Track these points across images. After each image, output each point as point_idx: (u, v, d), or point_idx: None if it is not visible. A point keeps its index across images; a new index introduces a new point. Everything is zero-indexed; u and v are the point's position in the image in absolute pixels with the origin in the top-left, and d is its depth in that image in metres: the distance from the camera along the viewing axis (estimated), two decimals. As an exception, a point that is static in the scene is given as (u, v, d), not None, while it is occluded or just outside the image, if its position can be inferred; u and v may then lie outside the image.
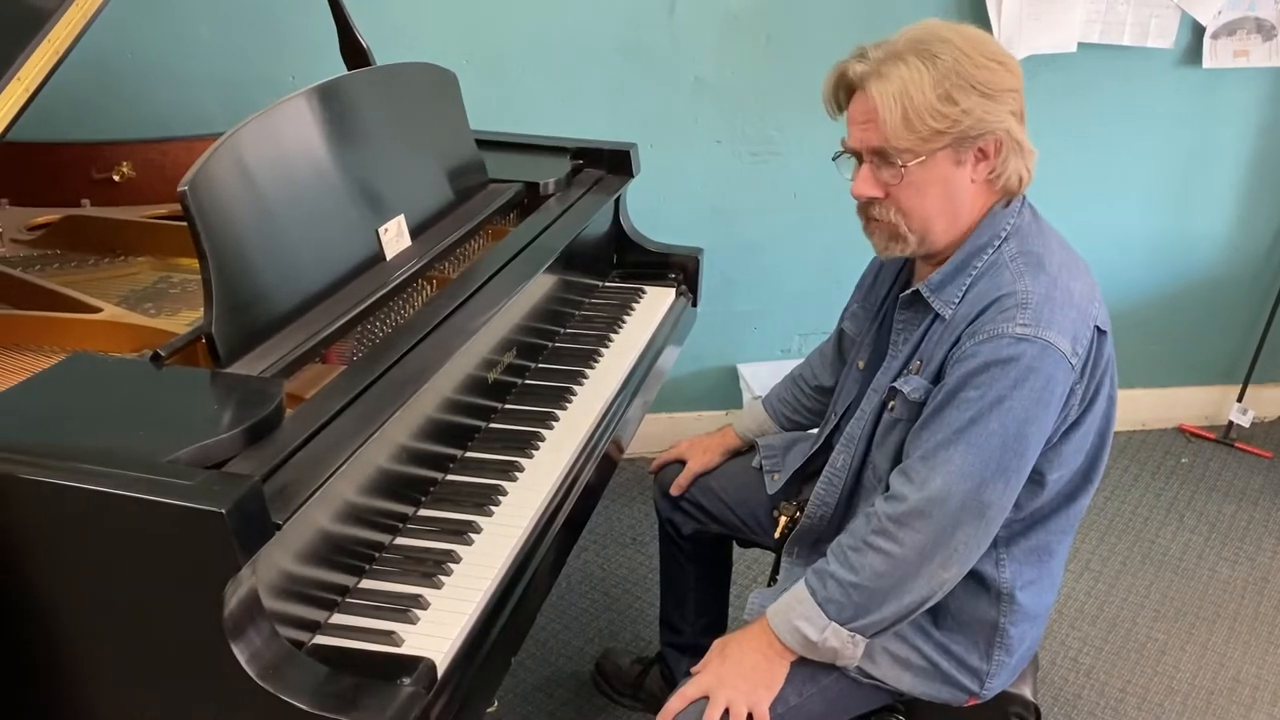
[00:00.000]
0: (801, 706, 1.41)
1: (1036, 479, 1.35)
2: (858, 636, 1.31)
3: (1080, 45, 2.62)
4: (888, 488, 1.34)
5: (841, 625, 1.30)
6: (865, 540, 1.30)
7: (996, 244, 1.33)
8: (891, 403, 1.40)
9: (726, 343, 2.87)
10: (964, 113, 1.26)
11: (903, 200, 1.32)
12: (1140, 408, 3.15)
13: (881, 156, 1.31)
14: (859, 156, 1.35)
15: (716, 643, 1.39)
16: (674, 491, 1.81)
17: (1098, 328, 1.30)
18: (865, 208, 1.37)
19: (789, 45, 2.50)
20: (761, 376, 2.73)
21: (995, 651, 1.41)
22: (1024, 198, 1.39)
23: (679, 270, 2.20)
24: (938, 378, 1.33)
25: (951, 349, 1.31)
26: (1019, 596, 1.40)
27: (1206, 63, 2.71)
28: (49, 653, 1.11)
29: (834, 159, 1.39)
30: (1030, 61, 2.61)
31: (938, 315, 1.35)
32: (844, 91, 1.35)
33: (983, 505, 1.26)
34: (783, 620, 1.34)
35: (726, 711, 1.33)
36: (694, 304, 2.22)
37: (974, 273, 1.33)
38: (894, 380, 1.40)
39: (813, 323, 2.87)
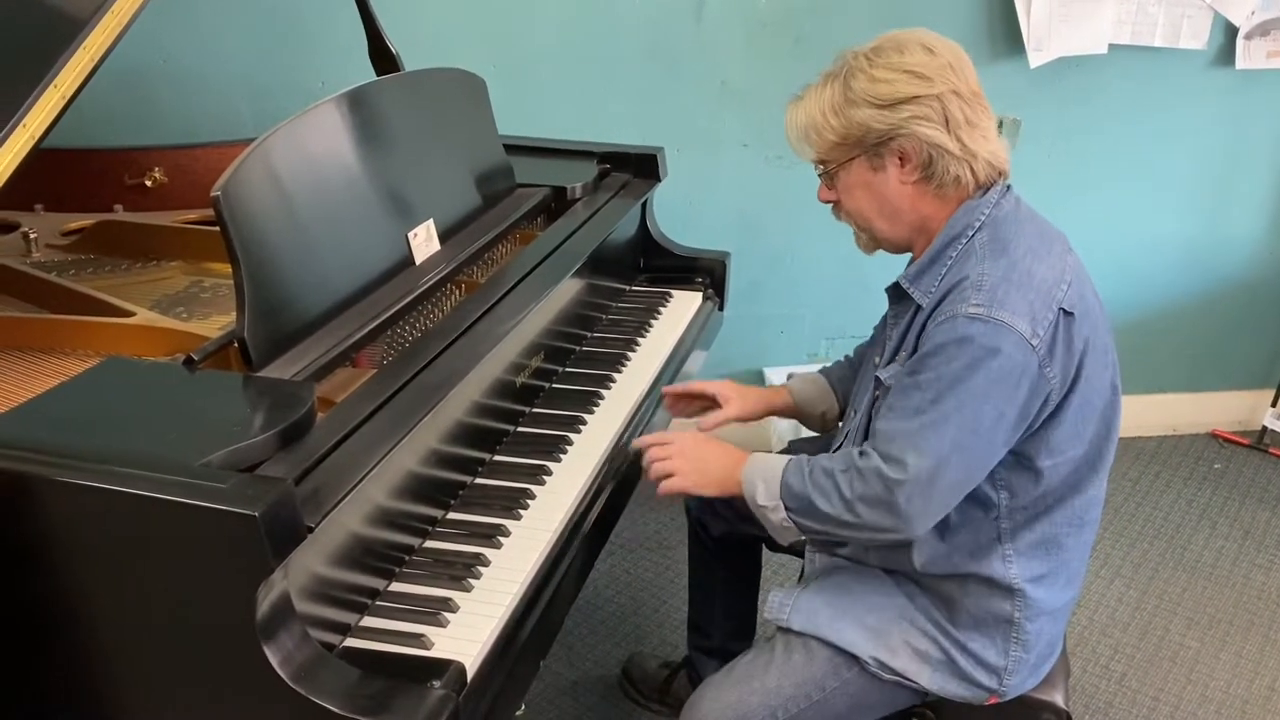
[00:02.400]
0: (824, 703, 1.41)
1: (1027, 465, 1.35)
2: (792, 525, 1.40)
3: (1111, 46, 2.59)
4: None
5: (785, 508, 1.39)
6: (834, 472, 1.35)
7: (970, 234, 1.36)
8: (878, 393, 1.42)
9: (753, 347, 2.86)
10: (856, 125, 1.36)
11: (844, 204, 1.45)
12: (1172, 412, 3.11)
13: (820, 165, 1.44)
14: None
15: (706, 435, 1.53)
16: (699, 427, 1.69)
17: (1063, 309, 1.30)
18: (834, 211, 1.50)
19: (816, 48, 2.50)
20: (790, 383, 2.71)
21: (1012, 648, 1.40)
22: (1007, 188, 1.40)
23: (706, 274, 2.20)
24: None
25: (921, 335, 1.35)
26: (1030, 591, 1.39)
27: (1239, 64, 2.68)
28: (83, 653, 1.12)
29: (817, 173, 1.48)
30: (1060, 63, 2.59)
31: (920, 306, 1.37)
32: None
33: (933, 481, 1.28)
34: (753, 471, 1.43)
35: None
36: (721, 308, 2.22)
37: (949, 262, 1.36)
38: (878, 370, 1.43)
39: (840, 327, 2.86)
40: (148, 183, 2.00)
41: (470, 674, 1.15)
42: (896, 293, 1.44)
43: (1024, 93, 2.65)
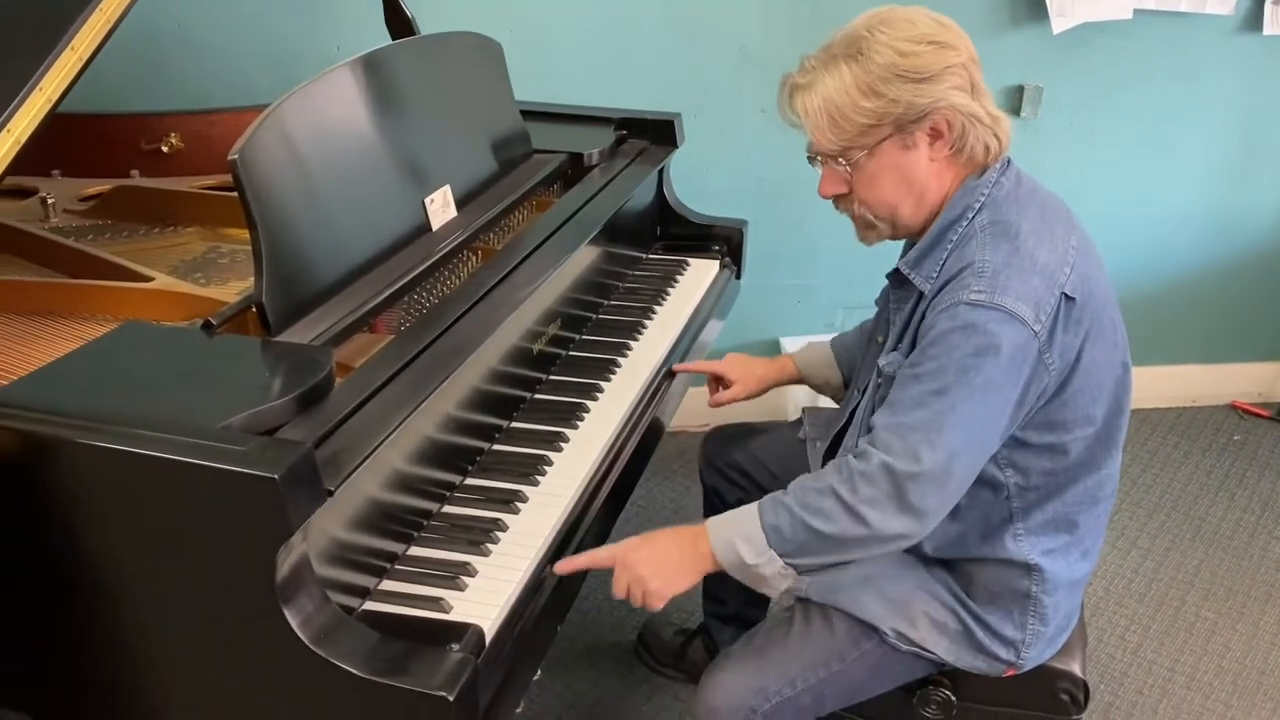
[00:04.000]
0: (843, 673, 1.41)
1: (1037, 446, 1.34)
2: (789, 571, 1.31)
3: (1136, 12, 2.55)
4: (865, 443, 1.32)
5: (779, 556, 1.29)
6: (831, 486, 1.28)
7: (970, 215, 1.32)
8: (880, 380, 1.40)
9: (769, 316, 2.85)
10: (892, 103, 1.28)
11: (862, 193, 1.36)
12: (1191, 383, 3.09)
13: (832, 157, 1.36)
14: (820, 159, 1.39)
15: (646, 533, 1.37)
16: (710, 404, 1.79)
17: (1065, 294, 1.27)
18: (836, 204, 1.42)
19: (834, 12, 2.44)
20: (800, 345, 2.71)
21: (1030, 621, 1.40)
22: (1006, 164, 1.36)
23: (723, 242, 2.19)
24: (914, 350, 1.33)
25: (922, 323, 1.31)
26: (1046, 565, 1.39)
27: (1267, 29, 2.63)
28: (103, 616, 1.13)
29: (809, 161, 1.42)
30: (1084, 29, 2.55)
31: (922, 292, 1.35)
32: (788, 103, 1.40)
33: (948, 474, 1.25)
34: (723, 535, 1.32)
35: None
36: (738, 276, 2.21)
37: (950, 245, 1.33)
38: (880, 358, 1.41)
39: (857, 296, 2.84)
40: (164, 148, 1.99)
41: (488, 638, 1.16)
42: (898, 278, 1.41)
43: (1046, 60, 2.62)
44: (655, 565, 1.33)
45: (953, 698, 1.47)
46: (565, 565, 1.31)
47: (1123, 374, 1.38)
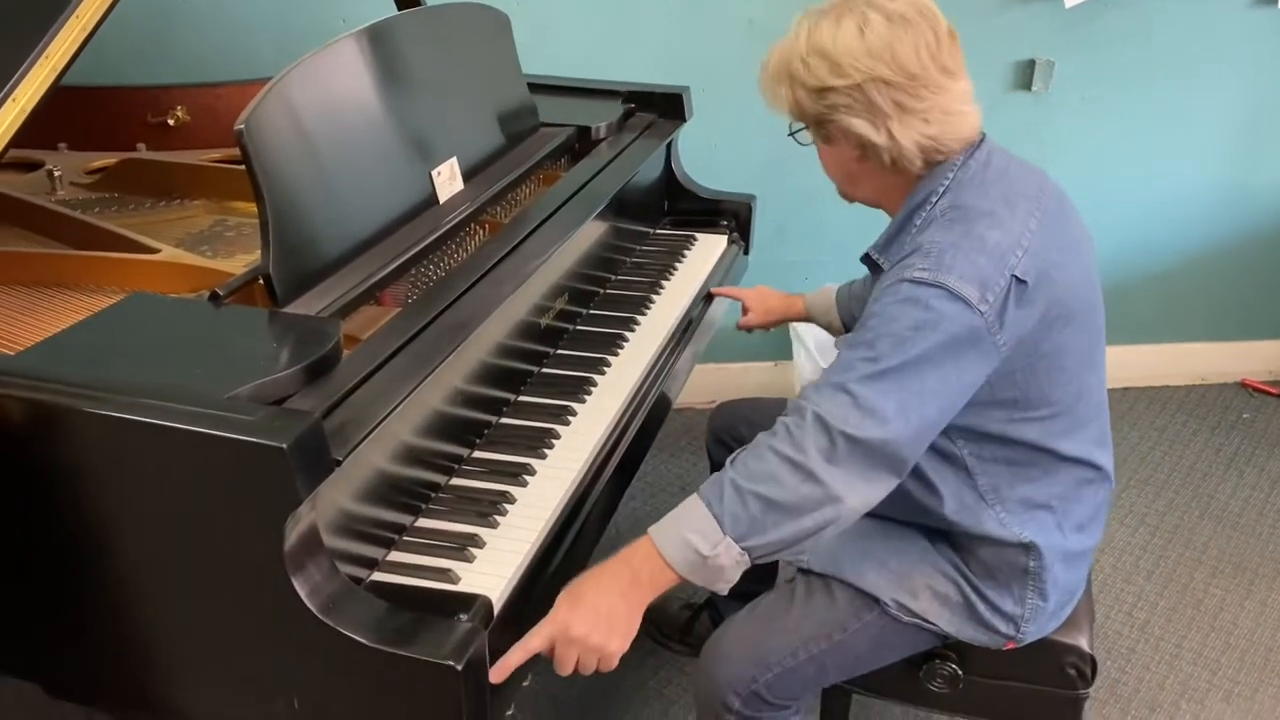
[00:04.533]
0: (845, 644, 1.41)
1: (984, 429, 1.31)
2: (744, 558, 1.19)
3: (1149, -16, 2.53)
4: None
5: (735, 541, 1.18)
6: (770, 446, 1.21)
7: (934, 200, 1.31)
8: None
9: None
10: (794, 102, 1.33)
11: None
12: (1201, 361, 3.07)
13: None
14: None
15: (569, 586, 1.22)
16: (739, 326, 1.97)
17: (1015, 276, 1.23)
18: None
19: (845, -14, 2.44)
20: (814, 329, 2.68)
21: (1029, 596, 1.39)
22: (978, 144, 1.33)
23: (731, 217, 2.18)
24: None
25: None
26: (1040, 542, 1.37)
27: (1282, 2, 2.61)
28: (112, 586, 1.13)
29: None
30: (1096, 3, 2.52)
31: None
32: None
33: (882, 439, 1.18)
34: (670, 535, 1.21)
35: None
36: (745, 251, 2.20)
37: (913, 230, 1.31)
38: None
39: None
40: (170, 122, 1.99)
41: (497, 608, 1.16)
42: (870, 264, 1.41)
43: (1058, 34, 2.59)
44: (599, 623, 1.17)
45: (959, 671, 1.47)
46: (498, 672, 1.14)
47: (1091, 357, 1.35)
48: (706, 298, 1.96)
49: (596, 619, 1.17)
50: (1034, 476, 1.36)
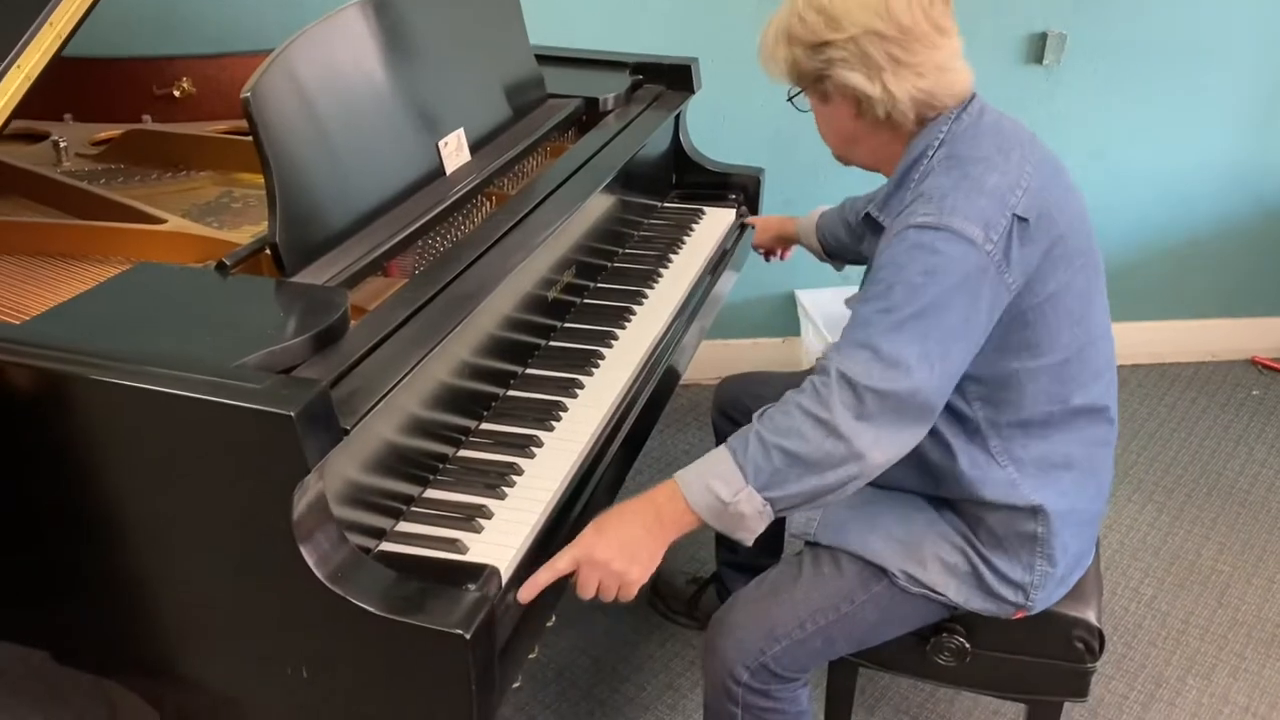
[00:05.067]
0: (853, 615, 1.41)
1: (1002, 376, 1.32)
2: (767, 508, 1.22)
3: (1163, -44, 2.50)
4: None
5: (756, 491, 1.21)
6: (796, 403, 1.23)
7: (930, 154, 1.33)
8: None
9: (785, 268, 2.79)
10: (792, 62, 1.35)
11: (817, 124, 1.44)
12: (1211, 338, 3.06)
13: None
14: None
15: (597, 518, 1.26)
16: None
17: (1016, 215, 1.25)
18: None
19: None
20: (821, 303, 2.69)
21: (1038, 563, 1.39)
22: (970, 100, 1.35)
23: (739, 191, 2.17)
24: None
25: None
26: (1049, 505, 1.37)
27: (1298, -26, 2.58)
28: (121, 554, 1.14)
29: None
30: (1110, -26, 2.50)
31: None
32: None
33: (910, 391, 1.19)
34: (694, 480, 1.25)
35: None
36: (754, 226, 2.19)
37: (912, 184, 1.33)
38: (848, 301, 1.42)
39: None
40: (176, 93, 1.98)
41: (505, 578, 1.16)
42: (872, 223, 1.41)
43: (1070, 7, 2.56)
44: (622, 552, 1.22)
45: (966, 644, 1.47)
46: (527, 592, 1.19)
47: (1094, 300, 1.36)
48: (713, 271, 1.95)
49: (620, 547, 1.23)
50: (1047, 434, 1.37)
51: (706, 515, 1.25)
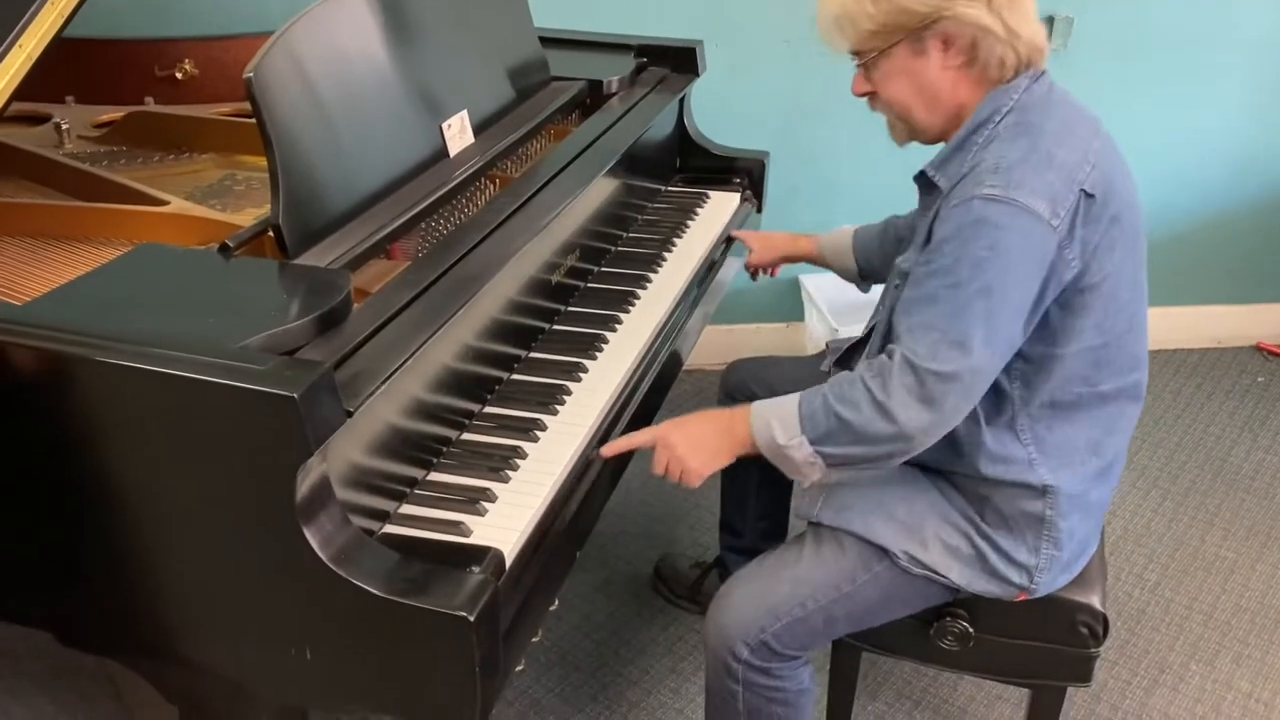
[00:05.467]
0: (854, 595, 1.41)
1: (1042, 356, 1.32)
2: (818, 460, 1.31)
3: (1172, -62, 2.47)
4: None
5: (809, 442, 1.30)
6: (861, 377, 1.29)
7: (998, 119, 1.32)
8: (897, 281, 1.39)
9: (789, 253, 2.81)
10: (896, 10, 1.30)
11: (882, 93, 1.39)
12: (1216, 324, 3.05)
13: (856, 55, 1.38)
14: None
15: (675, 420, 1.41)
16: (746, 265, 1.96)
17: (1084, 191, 1.26)
18: (870, 103, 1.44)
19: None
20: (826, 289, 2.68)
21: (1044, 546, 1.39)
22: (1042, 73, 1.35)
23: (744, 174, 2.16)
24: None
25: (936, 220, 1.31)
26: (1063, 489, 1.37)
27: (1309, -43, 2.55)
28: (125, 536, 1.14)
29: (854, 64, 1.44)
30: (1118, -44, 2.47)
31: (944, 192, 1.34)
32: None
33: (969, 369, 1.24)
34: (762, 415, 1.35)
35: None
36: (758, 209, 2.18)
37: (974, 148, 1.32)
38: (898, 258, 1.41)
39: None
40: (178, 75, 1.97)
41: (508, 561, 1.16)
42: (924, 182, 1.40)
43: (1078, -12, 2.55)
44: (693, 445, 1.37)
45: (970, 629, 1.46)
46: (610, 449, 1.40)
47: (1141, 287, 1.37)
48: (720, 255, 1.94)
49: (691, 440, 1.38)
50: (1072, 417, 1.37)
51: (764, 449, 1.35)
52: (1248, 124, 2.79)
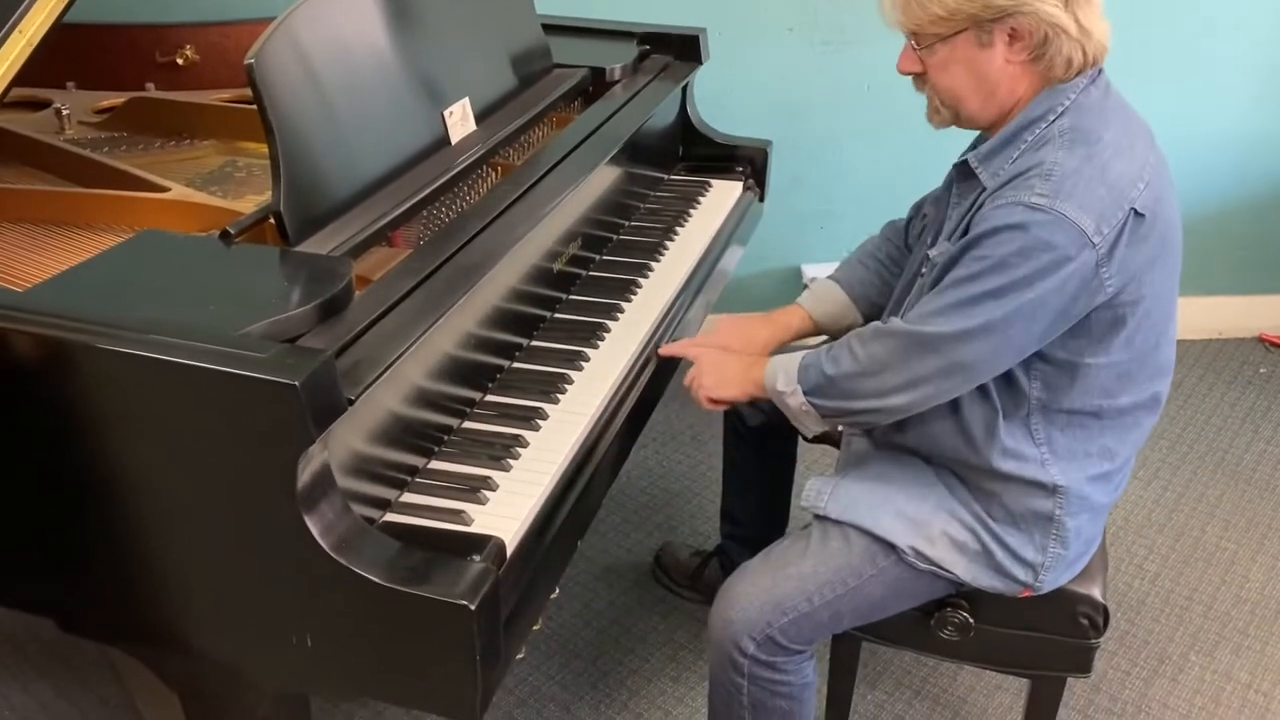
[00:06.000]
0: (860, 590, 1.41)
1: (1071, 366, 1.32)
2: (812, 410, 1.39)
3: (1179, -74, 2.46)
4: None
5: (803, 391, 1.39)
6: (850, 341, 1.36)
7: (1051, 119, 1.30)
8: (923, 269, 1.39)
9: (791, 242, 2.81)
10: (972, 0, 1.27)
11: (933, 78, 1.36)
12: (1219, 315, 3.04)
13: (914, 36, 1.35)
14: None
15: (729, 325, 1.62)
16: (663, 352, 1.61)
17: (1135, 210, 1.24)
18: (914, 81, 1.41)
19: (866, -73, 2.38)
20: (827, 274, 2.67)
21: (1051, 545, 1.39)
22: (1098, 72, 1.33)
23: (746, 163, 2.15)
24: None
25: (977, 213, 1.30)
26: (1073, 489, 1.37)
27: (1317, -55, 2.54)
28: (126, 523, 1.13)
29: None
30: (1124, -55, 2.46)
31: (985, 187, 1.32)
32: None
33: (957, 350, 1.26)
34: (773, 364, 1.44)
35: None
36: (761, 199, 2.17)
37: (1024, 145, 1.31)
38: (930, 249, 1.40)
39: (881, 223, 2.78)
40: (179, 61, 1.96)
41: (509, 550, 1.16)
42: (964, 171, 1.38)
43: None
44: (715, 369, 1.51)
45: (971, 620, 1.46)
46: (667, 349, 1.60)
47: (1172, 307, 1.36)
48: (720, 245, 1.93)
49: (716, 364, 1.52)
50: (1087, 425, 1.37)
51: (770, 394, 1.44)
52: (1251, 115, 2.78)
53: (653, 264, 1.79)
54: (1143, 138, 1.32)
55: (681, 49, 2.06)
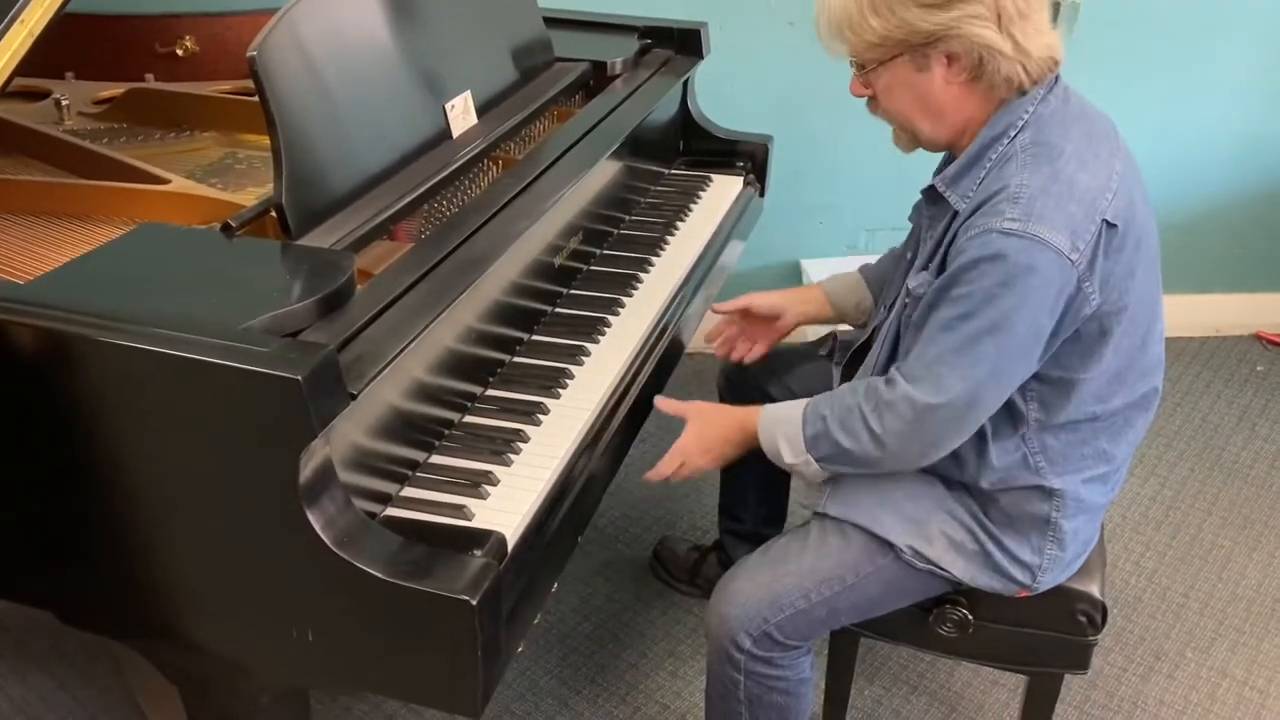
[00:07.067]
0: (858, 587, 1.41)
1: (1063, 381, 1.31)
2: (825, 472, 1.40)
3: (1180, -76, 2.46)
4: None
5: (814, 460, 1.38)
6: (860, 407, 1.33)
7: (1012, 134, 1.29)
8: (907, 300, 1.38)
9: (791, 237, 2.81)
10: (899, 25, 1.26)
11: (881, 101, 1.36)
12: (1216, 313, 3.04)
13: (855, 63, 1.35)
14: None
15: (701, 408, 1.51)
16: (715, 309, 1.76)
17: (1106, 221, 1.24)
18: (869, 105, 1.41)
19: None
20: (826, 272, 2.65)
21: (1048, 546, 1.40)
22: (1054, 80, 1.31)
23: (747, 158, 2.15)
24: (942, 273, 1.30)
25: (953, 243, 1.28)
26: (1070, 493, 1.38)
27: (1317, -56, 2.54)
28: (127, 516, 1.13)
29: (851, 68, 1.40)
30: (1125, -58, 2.46)
31: (957, 211, 1.31)
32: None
33: (970, 406, 1.27)
34: (770, 430, 1.42)
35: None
36: (761, 194, 2.17)
37: (988, 164, 1.29)
38: (909, 278, 1.38)
39: (881, 218, 2.79)
40: (179, 52, 1.95)
41: (511, 545, 1.16)
42: (932, 195, 1.38)
43: (1085, -26, 2.53)
44: (702, 443, 1.48)
45: (969, 616, 1.47)
46: (661, 404, 1.53)
47: (1156, 306, 1.36)
48: (720, 240, 1.93)
49: (704, 440, 1.48)
50: (1080, 431, 1.37)
51: (771, 459, 1.43)
52: (1249, 112, 2.78)
53: (653, 259, 1.79)
54: (1107, 142, 1.30)
55: (683, 43, 2.05)
